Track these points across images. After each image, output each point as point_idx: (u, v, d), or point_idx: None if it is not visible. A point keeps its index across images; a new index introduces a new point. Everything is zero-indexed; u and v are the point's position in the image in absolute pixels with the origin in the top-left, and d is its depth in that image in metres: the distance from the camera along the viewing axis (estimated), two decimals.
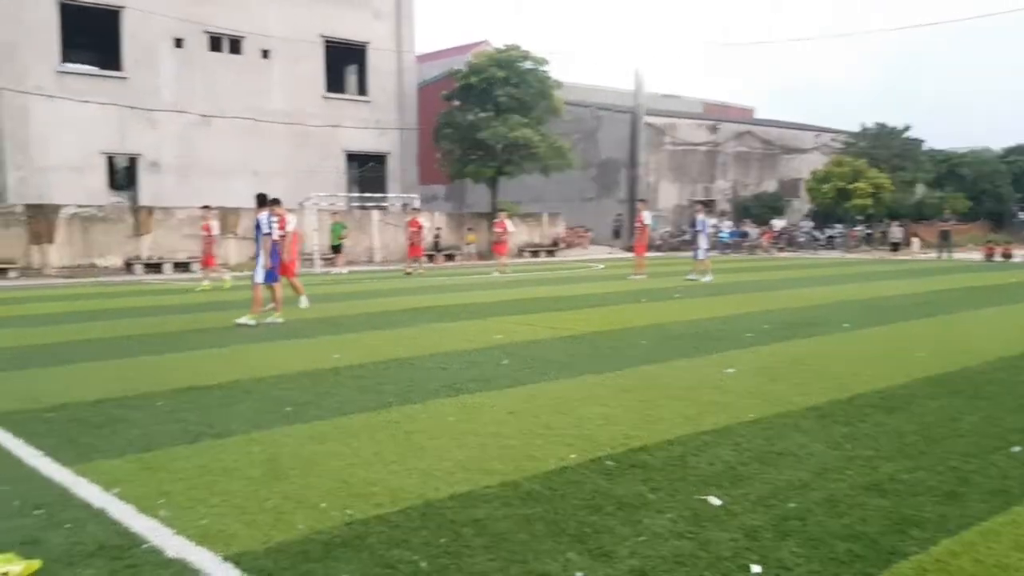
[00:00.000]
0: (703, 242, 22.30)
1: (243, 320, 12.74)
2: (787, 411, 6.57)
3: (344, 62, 39.53)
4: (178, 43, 33.16)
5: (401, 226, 32.73)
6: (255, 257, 13.35)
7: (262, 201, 13.25)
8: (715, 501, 4.53)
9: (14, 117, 29.95)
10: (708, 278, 21.13)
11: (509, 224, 28.68)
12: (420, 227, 27.54)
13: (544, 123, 37.08)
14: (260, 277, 13.05)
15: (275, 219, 13.15)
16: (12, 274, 26.81)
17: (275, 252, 13.18)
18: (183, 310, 15.53)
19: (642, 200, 28.64)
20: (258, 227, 13.04)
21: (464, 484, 4.87)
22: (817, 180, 43.56)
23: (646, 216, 23.91)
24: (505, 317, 13.44)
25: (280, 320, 13.07)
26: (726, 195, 48.97)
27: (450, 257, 35.69)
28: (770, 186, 50.76)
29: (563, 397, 7.22)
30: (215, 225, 22.08)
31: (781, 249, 42.17)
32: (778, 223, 45.14)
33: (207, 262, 22.15)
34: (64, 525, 4.29)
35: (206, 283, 21.38)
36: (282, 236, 13.54)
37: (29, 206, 28.03)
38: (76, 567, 3.78)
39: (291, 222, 14.49)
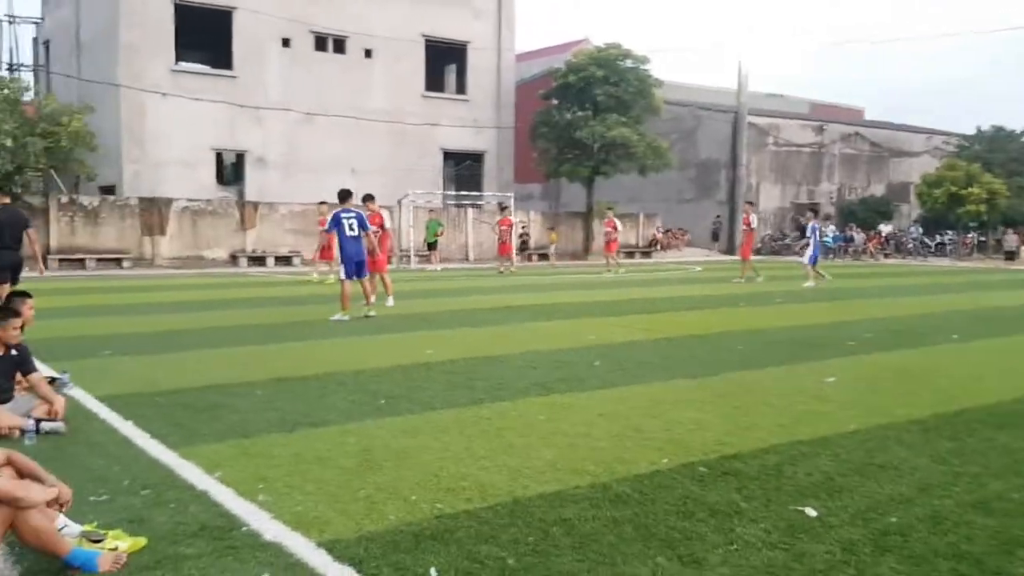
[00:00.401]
0: (812, 249, 21.68)
1: (336, 317, 12.95)
2: (889, 423, 6.35)
3: (444, 61, 40.01)
4: (285, 43, 34.11)
5: (493, 224, 33.01)
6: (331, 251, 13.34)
7: (344, 196, 13.43)
8: (811, 513, 4.41)
9: (132, 113, 31.31)
10: (810, 284, 20.61)
11: (618, 223, 28.75)
12: (511, 225, 27.72)
13: (643, 122, 36.73)
14: (344, 273, 13.20)
15: (366, 215, 13.32)
16: (126, 264, 28.07)
17: (357, 249, 13.20)
18: (290, 302, 15.98)
19: (748, 202, 28.39)
20: (337, 223, 13.10)
21: (553, 483, 4.86)
22: (928, 184, 41.97)
23: (753, 219, 23.48)
24: (599, 318, 13.38)
25: (372, 313, 13.25)
26: (831, 198, 47.64)
27: (543, 256, 35.69)
28: (878, 190, 49.17)
29: (655, 400, 7.14)
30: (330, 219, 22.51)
31: (888, 255, 40.81)
32: (885, 228, 43.66)
33: (324, 255, 22.55)
34: (168, 505, 4.46)
35: (331, 277, 21.90)
36: (375, 232, 13.72)
37: (143, 199, 29.31)
38: (179, 546, 3.92)
39: (387, 219, 14.78)
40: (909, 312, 14.63)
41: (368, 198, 15.17)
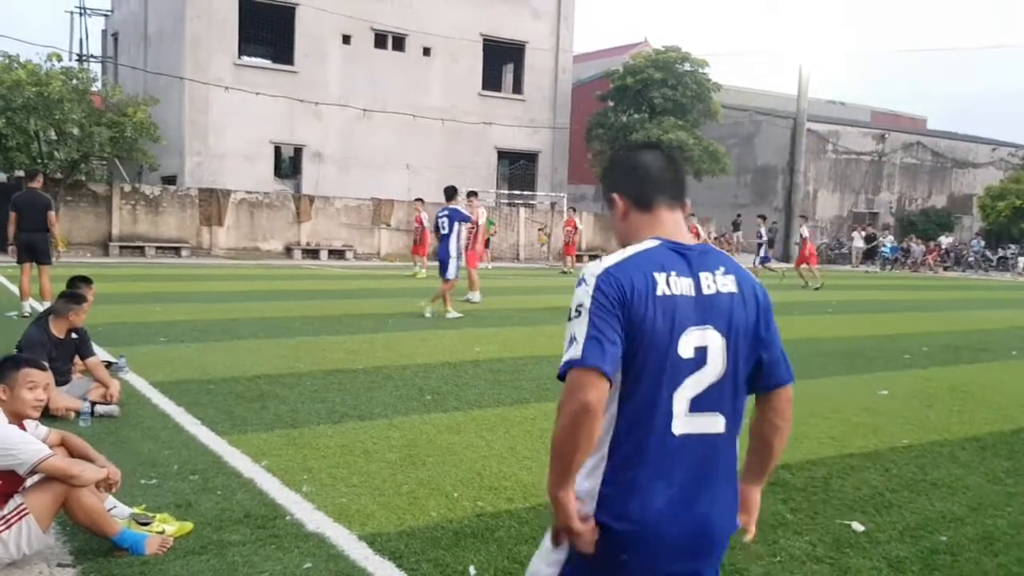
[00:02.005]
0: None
1: (452, 314, 12.92)
2: (943, 439, 6.21)
3: (501, 61, 40.05)
4: (346, 40, 34.44)
5: (544, 225, 32.96)
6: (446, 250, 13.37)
7: (450, 194, 13.53)
8: (858, 527, 4.33)
9: (195, 106, 31.89)
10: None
11: (701, 230, 28.74)
12: (576, 227, 27.83)
13: (700, 126, 36.40)
14: (451, 272, 13.19)
15: (465, 211, 13.34)
16: (184, 253, 28.61)
17: (445, 248, 13.27)
18: (342, 295, 16.13)
19: (803, 216, 28.78)
20: (451, 220, 13.23)
21: None
22: (991, 197, 40.92)
23: (804, 230, 24.63)
24: None
25: (428, 314, 13.27)
26: (890, 208, 46.70)
27: (594, 258, 35.51)
28: (939, 201, 48.04)
29: None
30: (425, 217, 23.57)
31: (947, 268, 39.88)
32: (945, 240, 42.68)
33: (417, 251, 23.98)
34: (215, 491, 4.54)
35: (422, 272, 22.37)
36: (471, 229, 13.68)
37: (202, 190, 29.84)
38: (223, 532, 3.99)
39: (482, 215, 14.96)
40: (967, 327, 14.27)
41: (471, 194, 15.59)
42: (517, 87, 39.88)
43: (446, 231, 13.29)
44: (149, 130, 27.25)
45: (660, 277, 1.98)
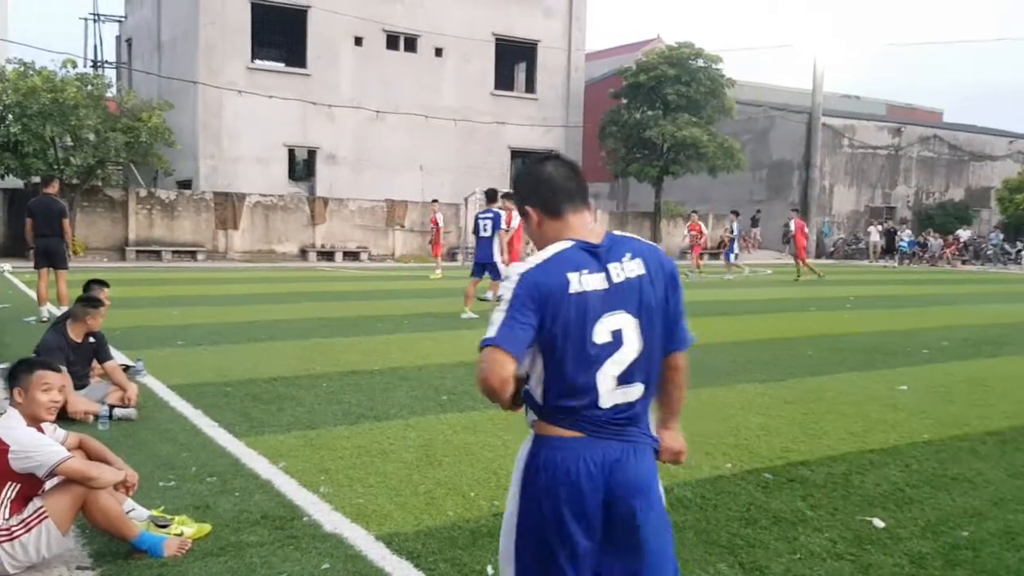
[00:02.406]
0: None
1: (468, 315, 12.95)
2: (964, 434, 6.15)
3: (514, 60, 40.06)
4: (358, 41, 34.52)
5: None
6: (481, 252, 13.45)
7: (492, 196, 13.50)
8: (879, 523, 4.30)
9: (209, 110, 32.06)
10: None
11: (704, 227, 29.07)
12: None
13: (714, 122, 36.26)
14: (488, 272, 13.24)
15: (503, 213, 13.30)
16: (200, 256, 28.77)
17: (485, 250, 13.33)
18: (357, 296, 16.18)
19: (795, 209, 30.49)
20: (495, 224, 13.26)
21: None
22: (1009, 189, 40.56)
23: (792, 225, 25.88)
24: None
25: (468, 315, 13.28)
26: (907, 202, 46.39)
27: None
28: (957, 194, 47.66)
29: (721, 405, 7.04)
30: (440, 218, 24.38)
31: (966, 262, 39.58)
32: (964, 234, 42.36)
33: (436, 251, 24.68)
34: (233, 493, 4.55)
35: (437, 272, 22.83)
36: (505, 231, 13.71)
37: (217, 194, 30.01)
38: (242, 533, 4.00)
39: (515, 216, 14.92)
40: (986, 320, 14.15)
41: (507, 196, 15.59)
42: (530, 86, 39.87)
43: (487, 234, 13.25)
44: (164, 135, 27.41)
45: (573, 276, 2.28)
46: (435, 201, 25.48)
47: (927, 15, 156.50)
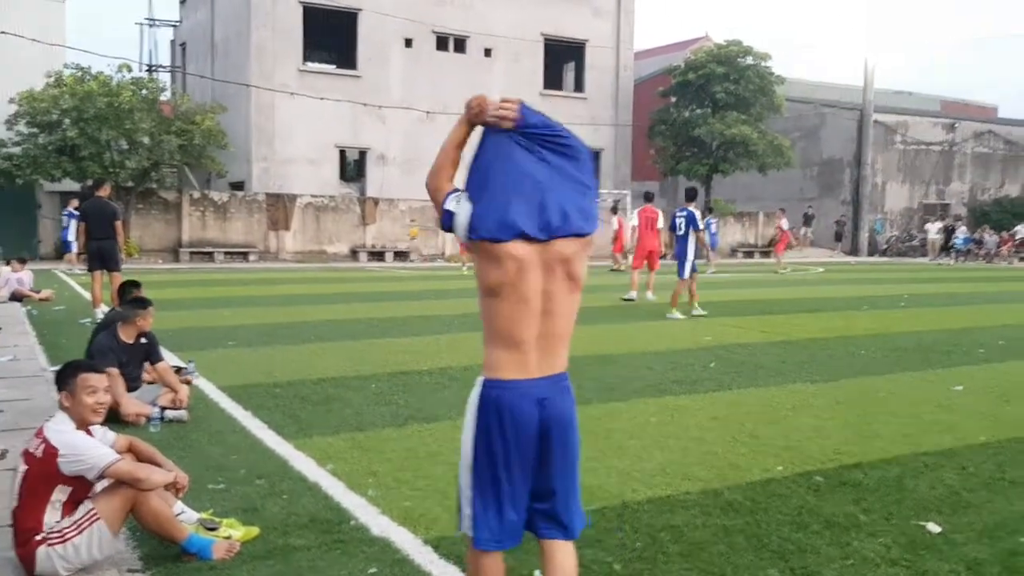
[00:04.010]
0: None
1: (675, 315, 13.12)
2: (1022, 436, 5.98)
3: (563, 59, 39.96)
4: (408, 43, 34.73)
5: (415, 219, 32.59)
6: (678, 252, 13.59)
7: (691, 196, 13.72)
8: (934, 528, 4.19)
9: (262, 112, 32.49)
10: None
11: (785, 223, 29.25)
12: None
13: (763, 120, 35.87)
14: (686, 273, 13.42)
15: (697, 212, 13.50)
16: (252, 257, 29.18)
17: (681, 248, 13.48)
18: (407, 297, 16.26)
19: (782, 208, 32.45)
20: (688, 223, 13.39)
21: (663, 488, 4.77)
22: None
23: (784, 222, 28.35)
24: (715, 318, 13.11)
25: (704, 312, 13.38)
26: (962, 199, 45.34)
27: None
28: (1013, 190, 46.45)
29: (771, 405, 6.94)
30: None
31: (1022, 259, 38.57)
32: (1020, 230, 41.27)
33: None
34: (282, 496, 4.58)
35: (465, 270, 23.87)
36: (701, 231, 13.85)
37: (269, 195, 30.40)
38: (289, 536, 4.02)
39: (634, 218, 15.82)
40: None
41: (647, 197, 16.35)
42: (579, 85, 39.75)
43: (682, 232, 13.49)
44: (217, 137, 27.85)
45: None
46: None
47: (982, 9, 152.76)
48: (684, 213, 13.50)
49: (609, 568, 3.72)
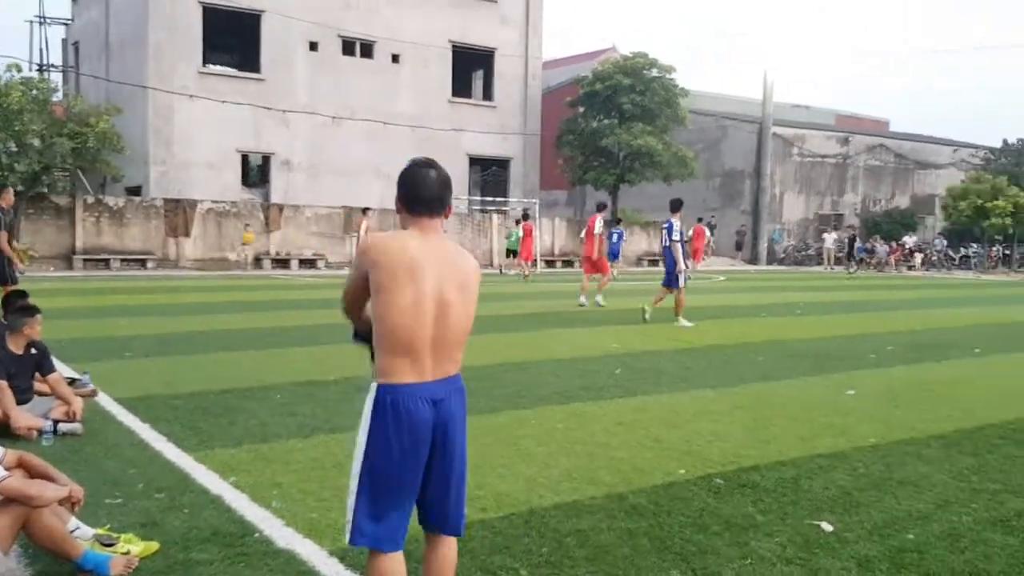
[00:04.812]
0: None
1: (683, 323, 13.30)
2: (909, 438, 6.27)
3: (471, 67, 40.09)
4: (313, 47, 34.30)
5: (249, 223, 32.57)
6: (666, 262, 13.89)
7: (677, 206, 13.81)
8: (827, 527, 4.36)
9: (160, 115, 31.61)
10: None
11: (707, 231, 30.29)
12: (530, 232, 28.40)
13: (668, 131, 36.71)
14: (681, 281, 13.59)
15: (676, 223, 13.62)
16: (150, 264, 28.32)
17: (667, 259, 13.81)
18: (311, 305, 16.01)
19: (700, 219, 32.57)
20: (671, 231, 13.57)
21: (570, 493, 4.84)
22: (953, 197, 41.48)
23: (690, 231, 28.31)
24: (622, 326, 13.34)
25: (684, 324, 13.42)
26: (855, 210, 47.28)
27: (567, 263, 35.54)
28: (903, 202, 48.72)
29: (674, 410, 7.10)
30: (364, 226, 24.15)
31: (911, 268, 40.41)
32: (909, 240, 43.28)
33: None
34: (182, 509, 4.47)
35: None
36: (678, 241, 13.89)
37: (167, 200, 29.55)
38: (191, 551, 3.92)
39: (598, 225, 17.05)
40: (932, 325, 14.47)
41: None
42: (487, 94, 39.94)
43: (666, 243, 13.84)
44: (112, 140, 26.95)
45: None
46: (366, 210, 24.13)
47: (875, 27, 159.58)
48: (666, 224, 13.83)
49: (516, 574, 3.75)
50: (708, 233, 32.34)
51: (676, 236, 13.63)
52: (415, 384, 2.90)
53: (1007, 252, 43.06)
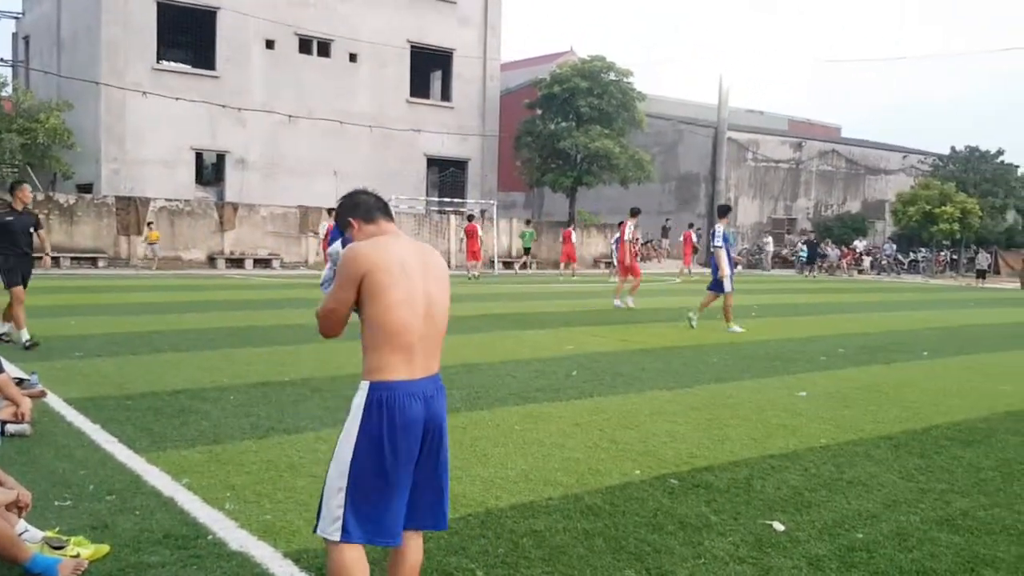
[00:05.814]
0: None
1: (734, 328, 13.27)
2: (859, 439, 6.40)
3: (429, 68, 40.00)
4: (269, 44, 33.97)
5: (152, 221, 32.86)
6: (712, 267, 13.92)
7: (724, 211, 13.88)
8: (779, 527, 4.44)
9: (112, 111, 31.07)
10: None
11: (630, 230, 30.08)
12: (476, 233, 28.33)
13: (625, 134, 36.96)
14: (728, 286, 13.51)
15: (719, 230, 13.58)
16: (101, 263, 27.81)
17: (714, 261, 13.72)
18: (268, 305, 15.86)
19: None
20: (714, 236, 13.58)
21: (526, 494, 4.86)
22: (902, 202, 42.36)
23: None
24: (577, 328, 13.40)
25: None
26: (808, 214, 48.03)
27: (507, 264, 35.33)
28: (853, 207, 49.62)
29: (630, 411, 7.16)
30: (323, 228, 25.06)
31: (861, 271, 41.15)
32: (860, 244, 44.06)
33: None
34: (134, 512, 4.41)
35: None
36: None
37: (120, 198, 29.02)
38: (142, 554, 3.88)
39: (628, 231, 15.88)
40: (881, 328, 14.75)
41: (331, 211, 15.99)
42: (445, 94, 39.87)
43: (711, 248, 13.95)
44: (63, 136, 26.50)
45: None
46: (331, 211, 24.36)
47: (831, 35, 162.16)
48: (712, 230, 14.00)
49: (472, 574, 3.76)
50: (694, 238, 33.86)
51: (719, 242, 13.57)
52: (408, 381, 2.97)
53: (954, 257, 44.09)
